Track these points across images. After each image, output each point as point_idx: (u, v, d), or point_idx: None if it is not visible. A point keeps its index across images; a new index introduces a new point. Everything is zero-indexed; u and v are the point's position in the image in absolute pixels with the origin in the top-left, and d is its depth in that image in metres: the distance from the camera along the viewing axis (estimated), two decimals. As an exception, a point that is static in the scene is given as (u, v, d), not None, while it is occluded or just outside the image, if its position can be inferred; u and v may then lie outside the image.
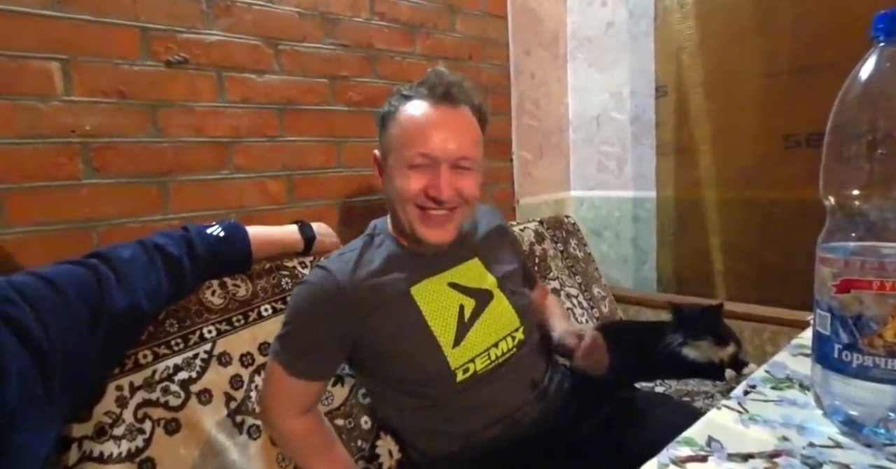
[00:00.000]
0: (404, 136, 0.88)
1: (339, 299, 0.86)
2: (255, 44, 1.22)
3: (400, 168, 0.88)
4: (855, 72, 0.51)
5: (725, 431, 0.51)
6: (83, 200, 1.01)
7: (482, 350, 0.92)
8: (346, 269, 0.89)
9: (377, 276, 0.90)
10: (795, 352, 0.68)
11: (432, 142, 0.86)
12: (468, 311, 0.94)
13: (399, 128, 0.89)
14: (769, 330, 1.41)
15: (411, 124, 0.88)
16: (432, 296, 0.92)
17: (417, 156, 0.86)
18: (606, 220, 2.01)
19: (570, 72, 2.05)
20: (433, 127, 0.87)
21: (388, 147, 0.91)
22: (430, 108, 0.88)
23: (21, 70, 0.94)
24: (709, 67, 1.62)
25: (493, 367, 0.92)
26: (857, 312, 0.48)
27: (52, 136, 0.97)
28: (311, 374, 0.88)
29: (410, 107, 0.89)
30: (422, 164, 0.87)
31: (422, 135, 0.86)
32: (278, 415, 0.89)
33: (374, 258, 0.92)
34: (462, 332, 0.91)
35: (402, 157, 0.87)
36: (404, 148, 0.87)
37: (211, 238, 0.95)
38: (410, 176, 0.87)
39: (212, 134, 1.17)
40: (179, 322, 0.90)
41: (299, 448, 0.90)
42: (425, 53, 1.56)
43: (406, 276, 0.92)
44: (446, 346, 0.89)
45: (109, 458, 0.76)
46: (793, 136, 1.46)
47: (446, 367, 0.88)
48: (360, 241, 0.97)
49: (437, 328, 0.90)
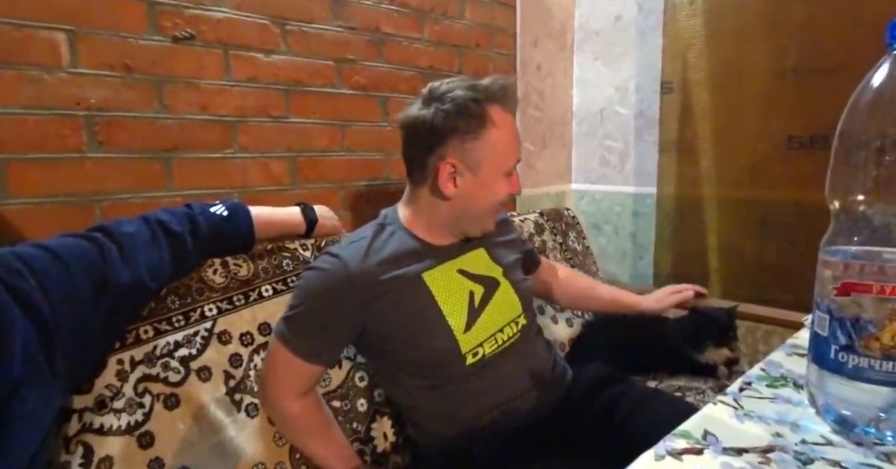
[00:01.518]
0: (507, 148, 0.92)
1: (350, 285, 0.87)
2: (263, 22, 1.21)
3: (498, 176, 0.92)
4: (868, 78, 0.51)
5: (721, 426, 0.52)
6: (87, 174, 1.01)
7: (490, 335, 0.95)
8: (356, 256, 0.90)
9: (388, 263, 0.91)
10: (790, 351, 0.70)
11: (518, 150, 0.95)
12: (478, 298, 0.96)
13: (500, 142, 0.91)
14: (762, 329, 1.43)
15: (508, 136, 0.92)
16: (444, 282, 0.94)
17: (514, 163, 0.94)
18: (606, 214, 2.02)
19: (576, 64, 2.04)
20: (515, 136, 0.94)
21: (481, 159, 0.90)
22: (509, 117, 0.93)
23: (27, 39, 0.93)
24: (715, 65, 1.62)
25: (499, 351, 0.95)
26: (856, 315, 0.49)
27: (57, 107, 0.97)
28: (316, 358, 0.89)
29: (497, 118, 0.90)
30: (513, 170, 0.95)
31: (514, 145, 0.94)
32: (278, 395, 0.90)
33: (384, 247, 0.93)
34: (473, 317, 0.94)
35: (501, 167, 0.92)
36: (505, 159, 0.92)
37: (214, 217, 0.95)
38: (505, 181, 0.94)
39: (217, 112, 1.16)
40: (181, 299, 0.90)
41: (297, 428, 0.92)
42: (433, 39, 1.55)
43: (417, 263, 0.93)
44: (458, 331, 0.91)
45: (109, 430, 0.77)
46: (796, 137, 1.46)
47: (457, 351, 0.91)
48: (370, 229, 0.97)
49: (450, 313, 0.92)
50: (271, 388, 0.90)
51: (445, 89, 0.91)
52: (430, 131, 0.90)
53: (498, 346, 0.95)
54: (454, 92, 0.89)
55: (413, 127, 0.92)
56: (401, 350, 0.92)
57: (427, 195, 0.95)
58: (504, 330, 0.97)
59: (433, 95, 0.91)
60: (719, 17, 1.59)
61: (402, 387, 0.98)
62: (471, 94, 0.89)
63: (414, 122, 0.92)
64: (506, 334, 0.97)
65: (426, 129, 0.90)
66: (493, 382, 0.94)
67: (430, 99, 0.91)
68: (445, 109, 0.88)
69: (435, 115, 0.89)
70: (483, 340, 0.93)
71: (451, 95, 0.89)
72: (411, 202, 0.98)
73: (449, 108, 0.88)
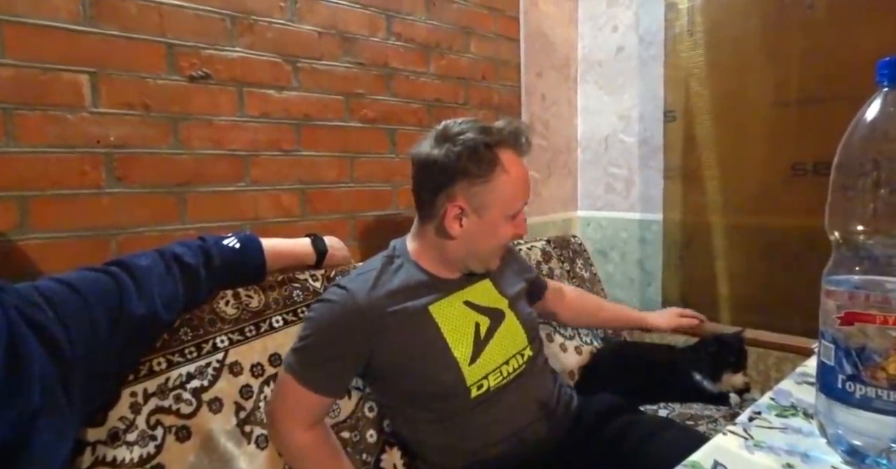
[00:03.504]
0: (515, 191, 0.93)
1: (358, 316, 0.89)
2: (275, 61, 1.26)
3: (504, 219, 0.94)
4: (861, 113, 0.53)
5: (731, 456, 0.52)
6: (104, 209, 1.04)
7: (495, 367, 0.95)
8: (364, 288, 0.92)
9: (395, 295, 0.92)
10: (800, 380, 0.70)
11: (527, 192, 0.96)
12: (483, 329, 0.97)
13: (508, 186, 0.92)
14: (774, 356, 1.42)
15: (517, 180, 0.93)
16: (450, 313, 0.96)
17: (521, 205, 0.95)
18: (613, 240, 2.03)
19: (580, 94, 2.09)
20: (525, 180, 0.95)
21: (488, 202, 0.92)
22: (520, 160, 0.95)
23: (52, 82, 0.97)
24: (717, 94, 1.65)
25: (504, 383, 0.95)
26: (861, 344, 0.50)
27: (79, 145, 1.00)
28: (324, 389, 0.90)
29: (507, 162, 0.92)
30: (518, 213, 0.95)
31: (523, 188, 0.94)
32: (287, 426, 0.90)
33: (392, 279, 0.95)
34: (478, 349, 0.94)
35: (508, 210, 0.93)
36: (513, 203, 0.93)
37: (227, 249, 0.97)
38: (511, 224, 0.95)
39: (230, 147, 1.20)
40: (193, 331, 0.92)
41: (305, 460, 0.91)
42: (439, 73, 1.60)
43: (424, 295, 0.95)
44: (463, 363, 0.92)
45: (122, 463, 0.78)
46: (800, 164, 1.48)
47: (462, 384, 0.91)
48: (379, 261, 0.99)
49: (455, 345, 0.93)
50: (279, 420, 0.90)
51: (458, 130, 0.91)
52: (440, 171, 0.91)
53: (503, 379, 0.96)
54: (466, 134, 0.90)
55: (424, 165, 0.93)
56: (406, 382, 0.93)
57: (433, 232, 0.96)
58: (510, 362, 0.97)
59: (446, 135, 0.92)
60: (719, 48, 1.63)
61: (408, 420, 0.98)
62: (483, 137, 0.90)
63: (425, 161, 0.93)
64: (511, 366, 0.97)
65: (437, 169, 0.91)
66: (498, 415, 0.94)
67: (443, 138, 0.92)
68: (457, 151, 0.89)
69: (447, 156, 0.90)
70: (488, 372, 0.94)
71: (463, 138, 0.89)
72: (418, 236, 1.00)
73: (460, 150, 0.89)
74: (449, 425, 0.93)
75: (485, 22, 1.72)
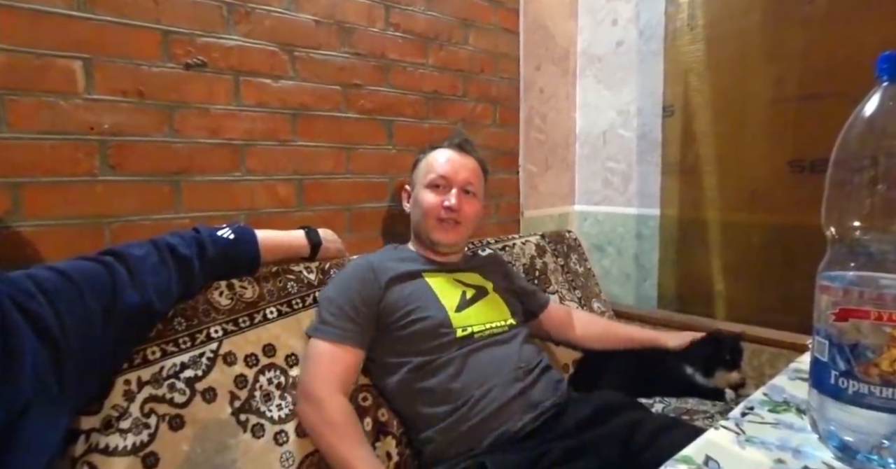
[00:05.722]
0: (429, 167, 1.20)
1: (371, 270, 1.09)
2: (272, 49, 1.25)
3: (424, 188, 1.19)
4: (859, 108, 0.52)
5: (722, 451, 0.52)
6: (98, 197, 1.03)
7: (479, 322, 1.10)
8: (375, 256, 1.17)
9: (398, 262, 1.15)
10: (793, 376, 0.70)
11: (448, 170, 1.19)
12: (469, 295, 1.16)
13: (426, 163, 1.21)
14: (768, 352, 1.42)
15: (434, 159, 1.21)
16: (440, 282, 1.15)
17: (438, 178, 1.18)
18: (610, 235, 2.03)
19: (578, 88, 2.08)
20: (449, 162, 1.20)
21: (415, 178, 1.23)
22: (448, 150, 1.22)
23: (46, 68, 0.96)
24: (716, 90, 1.64)
25: (487, 336, 1.09)
26: (855, 341, 0.50)
27: (72, 132, 1.00)
28: (352, 340, 1.01)
29: (435, 151, 1.23)
30: (441, 185, 1.17)
31: (441, 165, 1.19)
32: (325, 390, 0.95)
33: (393, 256, 1.19)
34: (463, 305, 1.12)
35: (425, 180, 1.19)
36: (429, 174, 1.19)
37: (221, 240, 0.97)
38: (431, 193, 1.18)
39: (226, 136, 1.19)
40: (187, 321, 0.91)
41: (336, 429, 0.92)
42: (438, 65, 1.59)
43: (420, 267, 1.16)
44: (450, 309, 1.09)
45: (115, 450, 0.78)
46: (798, 161, 1.48)
47: (448, 323, 1.07)
48: (384, 248, 1.26)
49: (443, 297, 1.11)
50: (319, 386, 0.95)
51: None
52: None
53: (486, 332, 1.09)
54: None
55: None
56: (402, 324, 1.06)
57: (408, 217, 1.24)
58: (493, 322, 1.12)
59: None
60: (719, 44, 1.63)
61: (403, 389, 1.04)
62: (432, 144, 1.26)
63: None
64: (494, 325, 1.12)
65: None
66: (484, 361, 1.04)
67: None
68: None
69: None
70: (472, 324, 1.09)
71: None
72: (411, 229, 1.25)
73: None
74: (434, 368, 1.03)
75: (484, 13, 1.71)
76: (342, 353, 1.00)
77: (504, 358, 1.07)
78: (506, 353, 1.08)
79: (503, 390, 1.01)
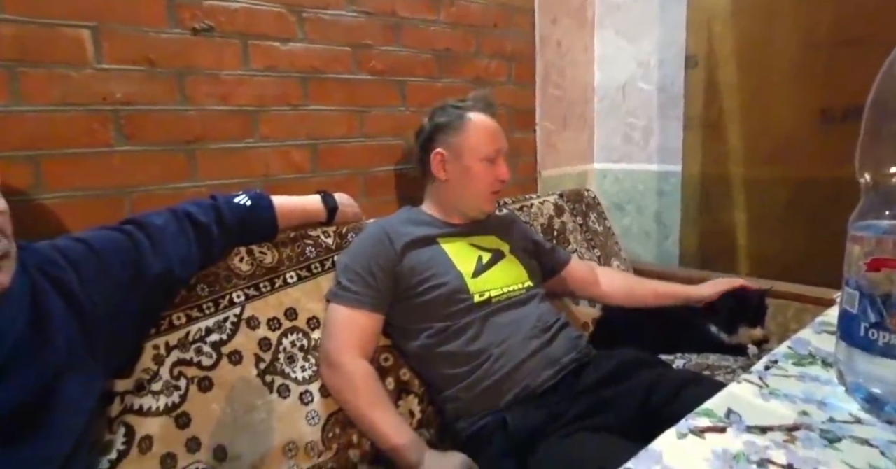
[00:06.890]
0: (479, 138, 1.14)
1: (386, 235, 1.08)
2: (279, 11, 1.21)
3: (479, 161, 1.14)
4: (900, 47, 0.49)
5: (745, 404, 0.52)
6: (116, 167, 1.03)
7: (496, 286, 1.10)
8: (389, 221, 1.15)
9: (412, 226, 1.14)
10: (819, 329, 0.68)
11: (499, 141, 1.17)
12: (486, 260, 1.15)
13: (473, 132, 1.15)
14: (793, 307, 1.40)
15: (482, 129, 1.15)
16: (456, 247, 1.14)
17: (494, 151, 1.15)
18: (630, 193, 1.99)
19: (596, 40, 2.00)
20: (496, 131, 1.17)
21: (461, 147, 1.14)
22: (485, 116, 1.17)
23: (53, 38, 0.95)
24: (742, 38, 1.56)
25: (504, 300, 1.09)
26: (887, 291, 0.48)
27: (85, 103, 0.99)
28: (371, 304, 1.02)
29: (476, 117, 1.16)
30: (494, 158, 1.14)
31: (493, 136, 1.16)
32: (347, 354, 0.97)
33: (407, 221, 1.16)
34: (480, 270, 1.12)
35: (479, 153, 1.13)
36: (482, 146, 1.14)
37: (238, 207, 0.98)
38: (488, 167, 1.14)
39: (237, 102, 1.17)
40: (210, 287, 0.93)
41: (361, 394, 0.95)
42: (450, 21, 1.53)
43: (437, 232, 1.15)
44: (467, 276, 1.09)
45: (149, 411, 0.81)
46: (829, 110, 1.41)
47: (465, 289, 1.07)
48: (398, 211, 1.22)
49: (460, 264, 1.10)
50: (341, 351, 0.97)
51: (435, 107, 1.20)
52: (424, 135, 1.19)
53: (504, 295, 1.09)
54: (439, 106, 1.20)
55: (416, 138, 1.21)
56: (420, 292, 1.06)
57: (431, 184, 1.20)
58: (510, 286, 1.12)
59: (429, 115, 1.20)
60: (746, -13, 1.54)
61: (423, 355, 1.05)
62: (450, 101, 1.19)
63: (417, 135, 1.21)
64: (512, 289, 1.12)
65: (422, 135, 1.19)
66: (501, 323, 1.06)
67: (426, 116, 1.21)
68: (430, 113, 1.20)
69: (426, 122, 1.19)
70: (489, 289, 1.09)
71: (436, 107, 1.20)
72: (427, 196, 1.23)
73: (433, 111, 1.20)
74: (456, 333, 1.04)
75: (497, -36, 1.63)
76: (361, 317, 1.01)
77: (522, 318, 1.08)
78: (524, 314, 1.09)
79: (522, 347, 1.03)
